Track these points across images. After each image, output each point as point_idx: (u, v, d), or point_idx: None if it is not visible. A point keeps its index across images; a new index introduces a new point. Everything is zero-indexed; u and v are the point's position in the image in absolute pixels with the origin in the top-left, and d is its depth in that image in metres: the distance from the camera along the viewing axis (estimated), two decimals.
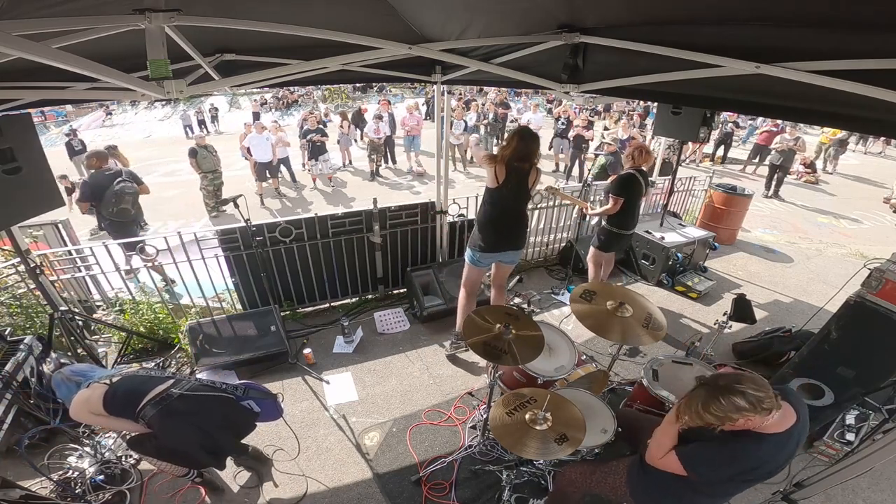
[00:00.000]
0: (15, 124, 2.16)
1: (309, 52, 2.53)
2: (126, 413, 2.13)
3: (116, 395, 2.12)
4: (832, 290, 3.75)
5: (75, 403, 2.13)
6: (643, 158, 3.79)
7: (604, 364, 2.99)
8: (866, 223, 8.54)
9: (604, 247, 4.09)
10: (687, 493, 1.73)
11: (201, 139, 7.96)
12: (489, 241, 3.19)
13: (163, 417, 2.09)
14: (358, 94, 23.48)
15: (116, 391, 2.13)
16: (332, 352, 3.77)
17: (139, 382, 2.20)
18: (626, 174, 3.81)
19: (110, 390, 2.12)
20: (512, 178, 3.00)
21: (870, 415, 2.85)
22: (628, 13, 2.07)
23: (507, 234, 3.21)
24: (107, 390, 2.12)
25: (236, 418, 2.35)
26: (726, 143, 12.25)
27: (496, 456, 2.73)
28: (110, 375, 2.22)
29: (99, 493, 2.42)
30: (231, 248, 3.78)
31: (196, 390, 2.22)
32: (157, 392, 2.14)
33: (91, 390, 2.13)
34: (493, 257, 3.29)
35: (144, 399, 2.11)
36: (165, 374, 2.34)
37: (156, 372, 2.36)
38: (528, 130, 3.10)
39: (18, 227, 2.97)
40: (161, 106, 21.67)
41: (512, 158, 2.96)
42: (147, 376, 2.26)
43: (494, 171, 2.99)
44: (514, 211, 3.17)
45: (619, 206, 3.75)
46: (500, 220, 3.16)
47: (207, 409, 2.22)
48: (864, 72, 1.46)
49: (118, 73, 1.65)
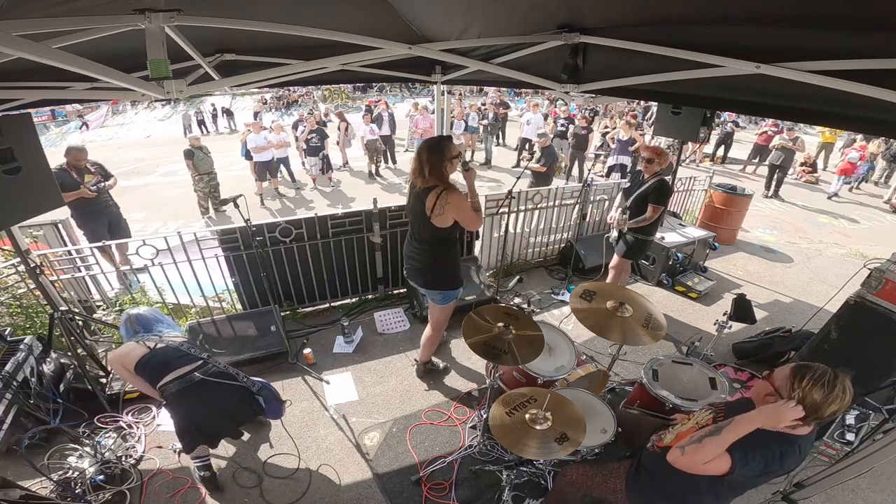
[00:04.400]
0: (15, 124, 2.15)
1: (309, 52, 2.53)
2: (150, 380, 2.31)
3: (149, 363, 2.29)
4: (832, 290, 3.75)
5: (115, 354, 2.42)
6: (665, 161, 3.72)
7: (604, 364, 2.99)
8: (866, 223, 8.54)
9: (629, 254, 3.97)
10: (690, 495, 1.72)
11: (196, 140, 7.89)
12: (405, 265, 2.99)
13: (179, 396, 2.25)
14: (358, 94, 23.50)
15: (150, 360, 2.30)
16: (332, 352, 3.77)
17: (172, 357, 2.33)
18: (662, 181, 3.68)
19: (146, 356, 2.30)
20: (411, 199, 2.71)
21: (870, 415, 2.85)
22: (628, 13, 2.07)
23: (410, 263, 2.90)
24: (143, 355, 2.30)
25: (245, 409, 2.47)
26: (726, 143, 12.25)
27: (496, 456, 2.73)
28: (161, 335, 2.44)
29: (99, 493, 2.42)
30: (231, 248, 3.78)
31: (217, 376, 2.34)
32: (182, 372, 2.27)
33: (131, 348, 2.35)
34: (413, 283, 3.02)
35: (169, 376, 2.25)
36: (198, 354, 2.43)
37: (193, 349, 2.44)
38: (432, 141, 2.59)
39: (18, 227, 2.97)
40: (161, 106, 21.70)
41: (413, 171, 2.63)
42: (183, 352, 2.38)
43: (409, 188, 2.76)
44: (415, 239, 2.79)
45: (658, 214, 3.68)
46: (408, 246, 2.88)
47: (222, 396, 2.35)
48: (864, 72, 1.46)
49: (118, 73, 1.65)
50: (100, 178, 4.84)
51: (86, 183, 4.66)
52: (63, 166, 4.55)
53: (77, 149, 4.66)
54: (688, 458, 1.58)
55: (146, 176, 11.64)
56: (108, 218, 5.03)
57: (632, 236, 3.88)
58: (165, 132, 18.64)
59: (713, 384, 2.54)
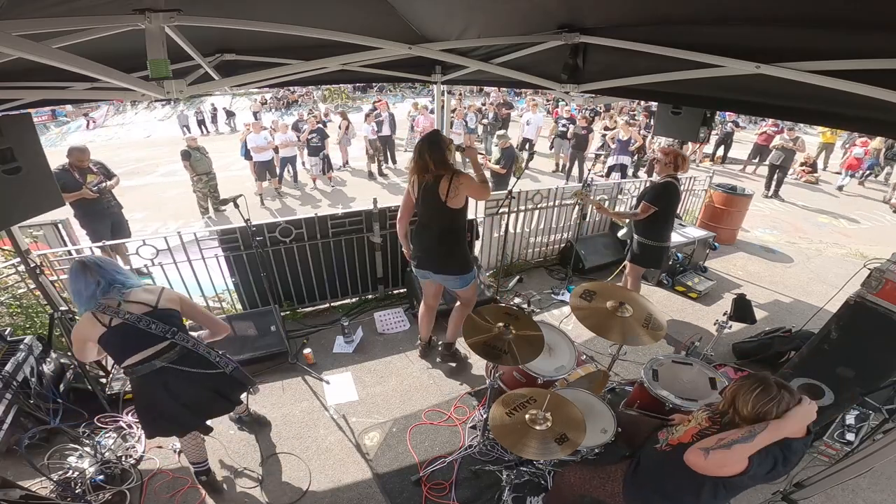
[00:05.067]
0: (15, 124, 2.15)
1: (309, 52, 2.53)
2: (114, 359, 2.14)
3: (110, 342, 2.01)
4: (832, 290, 3.75)
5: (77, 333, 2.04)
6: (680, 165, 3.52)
7: (604, 364, 2.99)
8: (866, 223, 8.54)
9: (639, 261, 3.82)
10: (687, 497, 1.71)
11: (193, 140, 7.88)
12: (414, 256, 3.08)
13: (140, 382, 2.07)
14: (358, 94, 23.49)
15: (111, 339, 1.99)
16: (332, 352, 3.77)
17: (133, 336, 2.00)
18: (663, 182, 3.53)
19: (107, 334, 1.98)
20: (421, 193, 2.83)
21: (870, 415, 2.85)
22: (628, 13, 2.08)
23: (425, 254, 3.02)
24: (103, 333, 1.97)
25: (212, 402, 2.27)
26: (726, 143, 12.25)
27: (496, 456, 2.73)
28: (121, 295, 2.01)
29: (99, 493, 2.42)
30: (231, 248, 3.78)
31: (182, 363, 2.08)
32: (143, 357, 2.02)
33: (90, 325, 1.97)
34: (422, 273, 3.12)
35: (129, 360, 2.02)
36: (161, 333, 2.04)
37: (153, 325, 2.02)
38: (428, 137, 2.78)
39: (18, 227, 2.96)
40: (161, 106, 21.70)
41: (415, 171, 2.79)
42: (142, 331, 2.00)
43: (411, 184, 2.87)
44: (430, 230, 2.93)
45: (648, 214, 3.52)
46: (418, 238, 3.02)
47: (185, 388, 2.12)
48: (864, 72, 1.46)
49: (118, 73, 1.65)
50: (102, 178, 4.85)
51: (88, 183, 4.66)
52: (65, 166, 4.55)
53: (79, 149, 4.67)
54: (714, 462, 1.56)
55: (146, 176, 11.65)
56: (111, 219, 5.05)
57: (636, 240, 3.78)
58: (165, 132, 18.64)
59: (713, 384, 2.53)
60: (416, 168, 2.77)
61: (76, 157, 4.60)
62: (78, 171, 4.63)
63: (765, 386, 1.46)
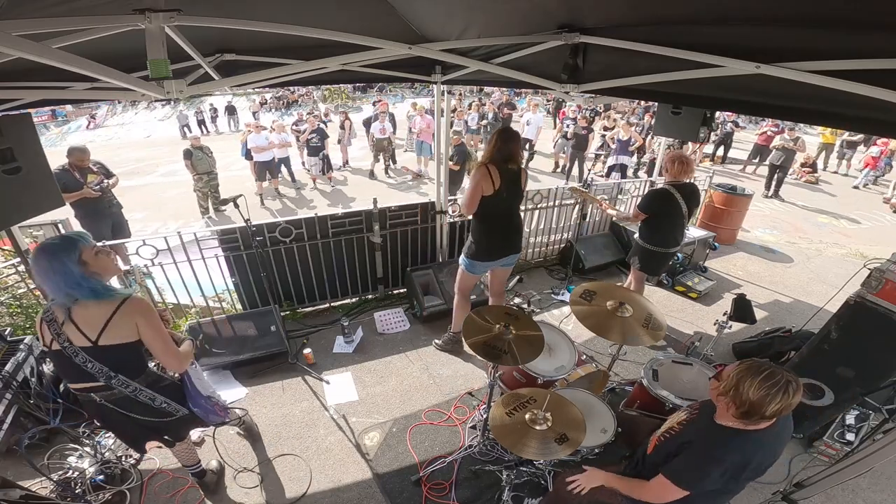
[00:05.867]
0: (15, 124, 2.15)
1: (309, 52, 2.53)
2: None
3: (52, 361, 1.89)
4: (832, 290, 3.75)
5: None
6: (679, 170, 3.42)
7: (604, 364, 2.99)
8: (866, 223, 8.54)
9: (639, 266, 3.79)
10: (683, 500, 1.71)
11: (196, 140, 7.91)
12: (488, 250, 3.12)
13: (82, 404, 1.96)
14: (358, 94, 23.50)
15: (51, 358, 1.85)
16: (332, 352, 3.77)
17: (70, 368, 1.76)
18: (657, 189, 3.55)
19: (48, 353, 1.78)
20: (505, 183, 2.90)
21: (870, 415, 2.85)
22: (628, 13, 2.07)
23: (505, 241, 3.15)
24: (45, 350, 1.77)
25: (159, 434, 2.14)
26: (726, 143, 12.25)
27: (496, 456, 2.73)
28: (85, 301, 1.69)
29: (99, 493, 2.42)
30: (231, 248, 3.79)
31: (123, 406, 1.90)
32: (81, 387, 1.85)
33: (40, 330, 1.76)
34: (489, 265, 3.22)
35: (70, 384, 1.88)
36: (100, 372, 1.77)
37: (92, 367, 1.75)
38: (508, 131, 2.99)
39: (18, 227, 2.97)
40: (161, 106, 21.70)
41: (500, 161, 2.87)
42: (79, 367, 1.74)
43: (490, 177, 2.86)
44: (511, 216, 3.11)
45: (640, 219, 3.59)
46: (499, 228, 3.09)
47: (128, 423, 1.97)
48: (864, 72, 1.46)
49: (118, 73, 1.65)
50: (102, 177, 4.85)
51: (89, 183, 4.66)
52: (65, 167, 4.56)
53: (80, 149, 4.67)
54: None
55: (146, 176, 11.65)
56: (112, 219, 5.05)
57: (636, 242, 3.80)
58: (165, 132, 18.65)
59: None
60: (502, 159, 2.87)
61: (77, 158, 4.60)
62: (78, 171, 4.63)
63: (771, 370, 1.45)
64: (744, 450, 1.52)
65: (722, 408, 1.55)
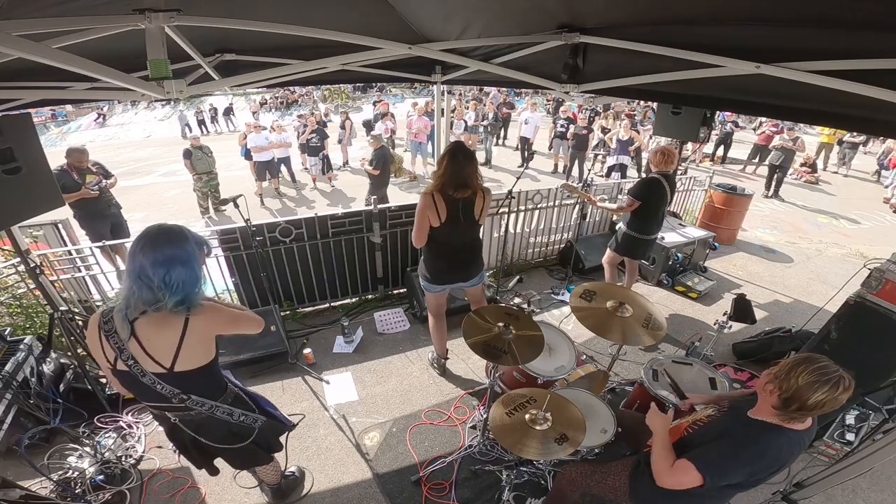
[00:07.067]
0: (15, 124, 2.15)
1: (309, 52, 2.53)
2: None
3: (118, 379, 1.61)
4: (832, 290, 3.75)
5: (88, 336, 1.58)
6: (662, 160, 3.70)
7: (604, 364, 2.99)
8: (866, 223, 8.54)
9: (620, 250, 4.07)
10: (684, 498, 1.71)
11: (196, 140, 7.89)
12: (436, 275, 2.89)
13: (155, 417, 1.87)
14: (358, 94, 23.49)
15: (117, 377, 1.60)
16: (332, 352, 3.77)
17: (140, 388, 1.57)
18: (649, 178, 3.78)
19: (112, 371, 1.56)
20: (452, 215, 2.57)
21: (870, 415, 2.85)
22: (628, 13, 2.07)
23: (454, 272, 2.91)
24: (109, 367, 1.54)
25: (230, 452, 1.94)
26: (726, 143, 12.25)
27: (496, 456, 2.73)
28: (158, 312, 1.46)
29: (99, 493, 2.42)
30: (231, 248, 3.78)
31: (201, 433, 1.76)
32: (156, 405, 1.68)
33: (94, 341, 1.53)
34: (443, 287, 3.00)
35: (143, 402, 1.68)
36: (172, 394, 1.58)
37: (163, 389, 1.55)
38: (461, 151, 2.53)
39: (18, 227, 2.96)
40: (161, 106, 21.69)
41: (450, 188, 2.50)
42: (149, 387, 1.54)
43: (434, 207, 2.51)
44: (460, 249, 2.80)
45: (633, 207, 3.74)
46: (449, 256, 2.82)
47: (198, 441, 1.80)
48: (864, 72, 1.46)
49: (118, 73, 1.65)
50: (101, 177, 4.85)
51: (87, 183, 4.66)
52: (64, 167, 4.56)
53: (78, 150, 4.67)
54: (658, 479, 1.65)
55: (146, 176, 11.64)
56: (111, 220, 5.05)
57: (621, 231, 4.02)
58: (165, 132, 18.63)
59: (713, 384, 2.54)
60: (448, 185, 2.48)
61: (75, 158, 4.60)
62: (77, 171, 4.63)
63: (827, 363, 1.45)
64: (780, 445, 1.51)
65: (764, 396, 1.53)
